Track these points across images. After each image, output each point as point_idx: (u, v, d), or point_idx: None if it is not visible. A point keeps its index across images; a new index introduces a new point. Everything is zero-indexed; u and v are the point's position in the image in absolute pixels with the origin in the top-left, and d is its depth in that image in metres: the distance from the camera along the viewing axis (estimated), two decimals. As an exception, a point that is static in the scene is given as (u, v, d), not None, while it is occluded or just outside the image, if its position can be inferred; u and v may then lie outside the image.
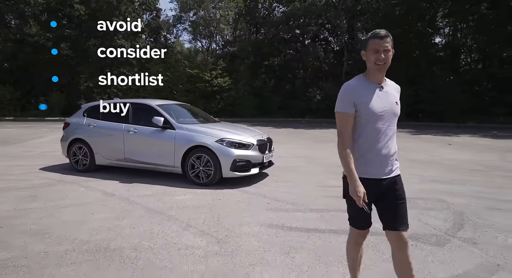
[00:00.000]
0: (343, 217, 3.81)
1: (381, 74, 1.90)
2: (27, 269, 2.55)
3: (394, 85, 2.03)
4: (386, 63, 1.86)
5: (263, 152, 5.42)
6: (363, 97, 1.87)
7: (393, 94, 1.95)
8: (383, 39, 1.83)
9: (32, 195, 4.59)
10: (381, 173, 1.92)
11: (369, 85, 1.90)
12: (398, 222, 1.93)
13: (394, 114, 1.92)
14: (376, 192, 1.92)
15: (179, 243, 3.06)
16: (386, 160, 1.92)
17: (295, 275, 2.53)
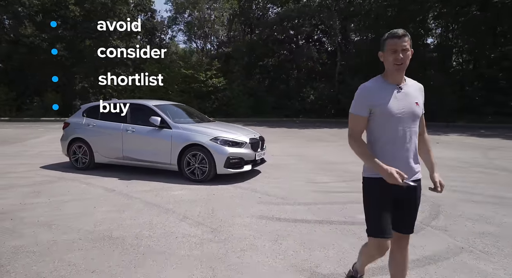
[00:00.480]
0: (329, 209, 4.14)
1: (400, 75, 1.85)
2: (39, 254, 2.82)
3: (416, 85, 1.94)
4: (404, 64, 1.81)
5: (256, 149, 5.72)
6: (380, 100, 1.83)
7: (413, 95, 1.87)
8: (401, 39, 1.78)
9: (36, 191, 4.84)
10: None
11: (386, 86, 1.85)
12: (406, 226, 1.93)
13: (413, 116, 1.86)
14: (395, 194, 1.86)
15: (176, 232, 3.35)
16: (406, 162, 1.85)
17: (281, 258, 2.82)
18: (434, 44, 26.25)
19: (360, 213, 3.92)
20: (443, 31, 25.10)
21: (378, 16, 23.18)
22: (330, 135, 14.28)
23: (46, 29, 22.57)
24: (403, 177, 1.69)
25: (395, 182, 1.68)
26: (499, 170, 6.74)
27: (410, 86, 1.90)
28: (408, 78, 1.93)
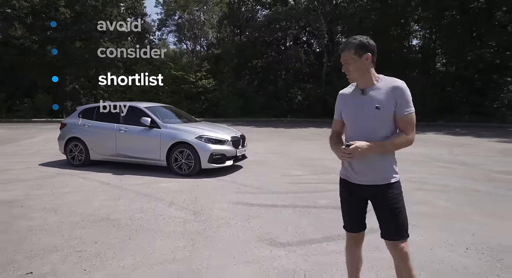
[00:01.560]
0: (296, 196, 4.82)
1: (357, 82, 1.91)
2: (50, 231, 3.41)
3: (388, 86, 1.86)
4: (349, 74, 1.88)
5: (237, 146, 6.37)
6: (344, 104, 1.94)
7: (376, 98, 1.83)
8: (342, 53, 1.88)
9: (38, 184, 5.40)
10: (361, 179, 1.89)
11: (354, 91, 1.92)
12: (393, 231, 1.88)
13: (373, 120, 1.84)
14: (361, 196, 1.95)
15: (164, 215, 3.97)
16: (366, 166, 1.87)
17: (248, 232, 3.47)
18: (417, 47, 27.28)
19: (322, 199, 4.63)
20: (426, 33, 26.11)
21: (362, 19, 24.04)
22: (314, 134, 15.01)
23: (37, 31, 22.87)
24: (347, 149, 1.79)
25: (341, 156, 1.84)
26: (459, 164, 7.51)
27: (379, 89, 1.85)
28: (389, 78, 1.90)
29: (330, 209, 4.23)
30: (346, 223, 2.07)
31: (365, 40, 1.87)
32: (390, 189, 1.89)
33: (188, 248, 3.05)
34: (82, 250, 2.97)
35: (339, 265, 2.72)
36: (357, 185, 1.92)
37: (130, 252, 2.94)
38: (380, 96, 1.83)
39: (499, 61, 21.47)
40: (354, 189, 1.93)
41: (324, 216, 3.99)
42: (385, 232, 1.92)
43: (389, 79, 1.88)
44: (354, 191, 1.94)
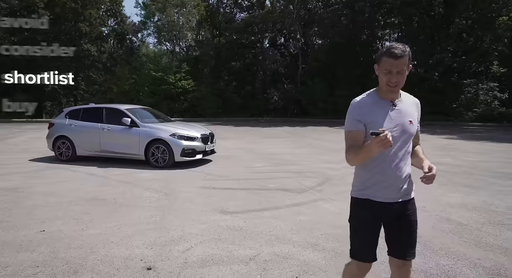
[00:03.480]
0: (252, 182, 5.93)
1: (394, 95, 1.74)
2: (51, 208, 4.37)
3: (411, 101, 1.82)
4: (398, 85, 1.68)
5: (206, 143, 7.42)
6: (371, 116, 1.71)
7: (407, 112, 1.75)
8: (397, 60, 1.62)
9: (32, 176, 6.30)
10: (391, 197, 1.75)
11: (379, 102, 1.74)
12: (406, 250, 1.79)
13: (407, 135, 1.73)
14: (385, 216, 1.79)
15: (142, 196, 4.99)
16: (397, 183, 1.75)
17: (206, 206, 4.54)
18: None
19: (271, 184, 5.75)
20: (391, 38, 27.89)
21: (333, 25, 25.52)
22: (285, 132, 16.22)
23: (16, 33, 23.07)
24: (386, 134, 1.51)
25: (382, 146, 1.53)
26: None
27: (405, 102, 1.77)
28: (404, 92, 1.82)
29: (275, 190, 5.37)
30: (363, 251, 1.80)
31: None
32: (413, 204, 1.83)
33: (159, 216, 4.10)
34: (79, 218, 3.97)
35: (269, 224, 3.84)
36: (381, 203, 1.74)
37: (115, 219, 3.97)
38: (409, 110, 1.76)
39: (456, 64, 23.42)
40: (378, 209, 1.76)
41: (269, 195, 5.12)
42: (400, 250, 1.80)
43: (405, 93, 1.83)
44: (378, 211, 1.76)
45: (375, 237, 1.80)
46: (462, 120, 22.43)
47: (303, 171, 6.86)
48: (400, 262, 1.81)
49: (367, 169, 1.78)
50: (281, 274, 2.71)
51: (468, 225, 3.79)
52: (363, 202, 1.79)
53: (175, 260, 2.92)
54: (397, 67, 1.63)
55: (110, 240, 3.35)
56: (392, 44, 1.69)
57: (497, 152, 9.71)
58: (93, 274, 2.68)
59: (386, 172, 1.73)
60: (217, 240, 3.37)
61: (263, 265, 2.86)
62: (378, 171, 1.74)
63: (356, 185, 1.85)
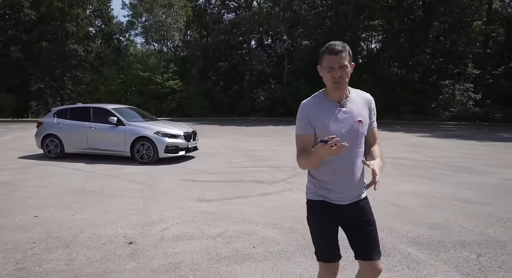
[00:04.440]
0: (229, 175, 6.46)
1: (340, 92, 1.71)
2: (44, 198, 4.81)
3: (362, 99, 1.80)
4: (342, 81, 1.66)
5: (188, 140, 7.92)
6: (319, 119, 1.71)
7: (356, 112, 1.73)
8: (338, 55, 1.63)
9: (22, 171, 6.68)
10: (343, 198, 1.76)
11: (327, 104, 1.73)
12: (370, 250, 1.79)
13: (357, 135, 1.72)
14: (338, 217, 1.79)
15: (127, 188, 5.47)
16: (349, 184, 1.75)
17: (186, 195, 5.05)
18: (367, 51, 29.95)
19: (247, 177, 6.28)
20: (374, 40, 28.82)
21: (317, 26, 26.22)
22: (269, 131, 16.78)
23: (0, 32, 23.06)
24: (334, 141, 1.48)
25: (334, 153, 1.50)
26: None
27: (354, 102, 1.76)
28: (355, 89, 1.81)
29: (250, 182, 5.91)
30: (325, 253, 1.78)
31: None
32: (366, 203, 1.85)
33: (141, 203, 4.59)
34: (69, 206, 4.43)
35: (238, 209, 4.37)
36: (336, 205, 1.76)
37: (101, 206, 4.44)
38: (359, 110, 1.75)
39: (434, 66, 24.43)
40: (332, 210, 1.77)
41: (243, 186, 5.66)
42: (363, 251, 1.80)
43: (356, 91, 1.82)
44: (333, 212, 1.77)
45: (334, 236, 1.78)
46: (439, 120, 23.39)
47: (278, 166, 7.43)
48: (369, 263, 1.80)
49: (319, 171, 1.77)
50: (242, 245, 3.25)
51: (408, 207, 4.41)
52: (318, 203, 1.79)
53: (153, 237, 3.44)
54: (339, 63, 1.64)
55: (97, 222, 3.83)
56: (330, 42, 1.70)
57: (461, 148, 10.47)
58: (82, 247, 3.17)
59: (337, 175, 1.73)
60: (191, 222, 3.89)
61: (228, 239, 3.40)
62: (330, 173, 1.74)
63: (310, 187, 1.85)
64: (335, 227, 1.80)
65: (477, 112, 22.79)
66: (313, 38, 27.43)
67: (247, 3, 31.29)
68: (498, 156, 8.94)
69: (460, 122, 22.09)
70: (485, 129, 18.21)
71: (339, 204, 1.76)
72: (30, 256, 2.97)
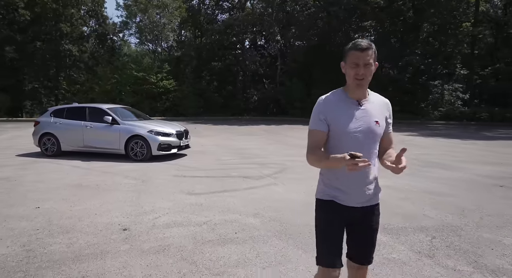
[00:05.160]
0: (218, 172, 6.83)
1: (361, 90, 1.70)
2: (42, 192, 5.15)
3: (380, 101, 1.80)
4: (365, 79, 1.65)
5: (180, 138, 8.27)
6: (335, 115, 1.69)
7: (374, 113, 1.72)
8: (364, 52, 1.62)
9: (22, 168, 7.00)
10: (355, 201, 1.72)
11: (346, 101, 1.71)
12: (366, 256, 1.81)
13: (372, 136, 1.70)
14: (346, 219, 1.75)
15: (121, 183, 5.82)
16: (362, 186, 1.71)
17: (176, 189, 5.41)
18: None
19: (234, 172, 6.66)
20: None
21: (310, 28, 26.66)
22: (261, 131, 17.17)
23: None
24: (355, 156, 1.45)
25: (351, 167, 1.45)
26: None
27: (373, 103, 1.75)
28: (373, 92, 1.81)
29: (237, 177, 6.29)
30: (329, 257, 1.72)
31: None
32: (377, 210, 1.81)
33: (135, 196, 4.95)
34: (67, 199, 4.78)
35: (224, 201, 4.75)
36: (345, 206, 1.72)
37: (98, 199, 4.80)
38: (376, 111, 1.74)
39: (423, 67, 24.99)
40: (341, 211, 1.73)
41: (231, 181, 6.03)
42: (360, 254, 1.80)
43: (374, 94, 1.81)
44: (341, 213, 1.73)
45: (340, 240, 1.74)
46: (428, 119, 23.97)
47: (266, 163, 7.81)
48: (357, 266, 1.80)
49: (332, 170, 1.74)
50: (225, 231, 3.63)
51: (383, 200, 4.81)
52: (327, 203, 1.75)
53: (146, 224, 3.80)
54: (364, 60, 1.63)
55: (94, 212, 4.19)
56: (356, 40, 1.70)
57: (443, 146, 10.95)
58: (81, 233, 3.53)
59: (351, 176, 1.65)
60: (180, 212, 4.27)
61: (212, 226, 3.78)
62: (343, 173, 1.63)
63: (320, 186, 1.81)
64: (341, 229, 1.76)
65: (465, 112, 23.41)
66: (305, 39, 27.87)
67: (240, 4, 31.65)
68: (475, 153, 9.43)
69: (448, 122, 22.68)
70: (471, 129, 18.80)
71: (348, 205, 1.72)
72: (34, 240, 3.33)
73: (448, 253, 3.11)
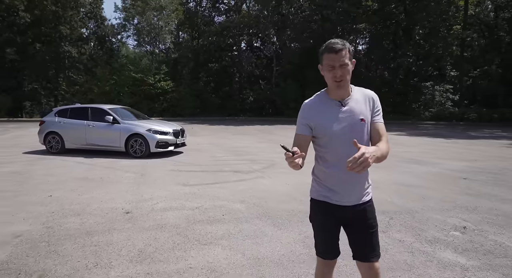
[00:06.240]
0: (212, 167, 7.42)
1: (342, 90, 1.69)
2: (52, 184, 5.73)
3: (364, 96, 1.76)
4: (344, 80, 1.64)
5: (177, 137, 8.87)
6: (319, 118, 1.71)
7: (358, 110, 1.70)
8: (338, 53, 1.61)
9: (29, 164, 7.57)
10: (345, 200, 1.74)
11: (328, 103, 1.72)
12: (369, 252, 1.78)
13: (358, 134, 1.68)
14: (340, 218, 1.79)
15: (123, 176, 6.40)
16: (352, 185, 1.74)
17: (173, 181, 6.00)
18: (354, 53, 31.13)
19: (226, 168, 7.26)
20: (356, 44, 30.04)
21: (304, 30, 27.34)
22: (255, 130, 17.77)
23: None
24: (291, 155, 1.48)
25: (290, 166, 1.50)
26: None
27: (357, 100, 1.73)
28: (357, 87, 1.79)
29: (229, 172, 6.89)
30: (323, 250, 1.86)
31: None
32: (369, 206, 1.82)
33: (135, 187, 5.54)
34: (75, 189, 5.37)
35: (215, 191, 5.34)
36: (338, 206, 1.76)
37: (102, 189, 5.39)
38: (361, 108, 1.73)
39: (415, 68, 25.70)
40: (334, 211, 1.78)
41: (223, 174, 6.63)
42: (362, 253, 1.81)
43: (359, 89, 1.80)
44: (334, 213, 1.78)
45: (335, 235, 1.82)
46: (419, 120, 24.67)
47: (256, 159, 8.42)
48: (367, 265, 1.80)
49: (322, 170, 1.78)
50: (214, 214, 4.23)
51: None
52: (320, 203, 1.80)
53: (145, 208, 4.40)
54: (339, 61, 1.62)
55: (100, 200, 4.78)
56: (329, 41, 1.68)
57: (426, 145, 11.60)
58: (90, 215, 4.12)
59: (340, 174, 1.68)
60: (176, 199, 4.86)
61: (203, 210, 4.38)
62: (333, 173, 1.72)
63: (314, 186, 1.86)
64: (336, 227, 1.82)
65: (454, 112, 24.12)
66: (300, 41, 28.52)
67: (237, 6, 32.28)
68: (453, 151, 10.08)
69: (438, 122, 23.38)
70: (458, 129, 19.49)
71: (341, 205, 1.76)
72: (51, 220, 3.91)
73: (399, 229, 3.73)
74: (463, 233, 3.59)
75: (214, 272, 2.76)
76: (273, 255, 3.08)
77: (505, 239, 3.41)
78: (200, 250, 3.18)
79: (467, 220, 3.98)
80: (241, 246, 3.28)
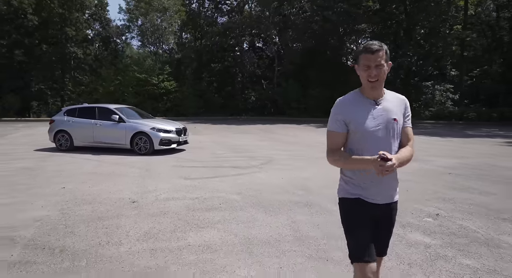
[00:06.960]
0: (213, 163, 7.88)
1: (376, 91, 1.75)
2: (64, 177, 6.19)
3: (397, 99, 1.84)
4: (379, 80, 1.71)
5: (180, 135, 9.32)
6: (353, 115, 1.74)
7: (392, 110, 1.76)
8: (374, 54, 1.67)
9: (42, 160, 8.05)
10: (377, 198, 1.78)
11: (362, 101, 1.76)
12: (383, 249, 1.88)
13: (391, 133, 1.74)
14: (372, 215, 1.80)
15: (128, 171, 6.85)
16: (383, 184, 1.77)
17: (175, 175, 6.43)
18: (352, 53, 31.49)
19: (226, 163, 7.69)
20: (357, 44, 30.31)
21: (305, 31, 27.69)
22: (257, 129, 18.18)
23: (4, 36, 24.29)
24: (388, 160, 1.57)
25: (380, 169, 1.57)
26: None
27: (390, 101, 1.80)
28: (390, 91, 1.85)
29: (228, 167, 7.32)
30: (365, 252, 1.74)
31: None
32: (396, 205, 1.87)
33: (141, 181, 5.99)
34: (85, 182, 5.82)
35: (215, 184, 5.77)
36: (372, 204, 1.78)
37: (111, 182, 5.83)
38: (394, 108, 1.78)
39: (415, 68, 25.97)
40: (369, 208, 1.78)
41: (222, 170, 7.06)
42: (380, 249, 1.86)
43: (391, 92, 1.86)
44: (369, 210, 1.79)
45: (369, 234, 1.77)
46: (419, 119, 24.93)
47: (255, 156, 8.84)
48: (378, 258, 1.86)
49: (353, 170, 1.80)
50: (212, 203, 4.66)
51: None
52: (353, 201, 1.81)
53: (150, 198, 4.84)
54: (375, 61, 1.67)
55: (109, 191, 5.23)
56: (367, 42, 1.75)
57: (422, 143, 11.90)
58: (101, 204, 4.56)
59: (372, 173, 1.70)
60: (178, 191, 5.30)
61: (202, 200, 4.81)
62: (365, 172, 1.75)
63: (343, 186, 1.87)
64: (369, 225, 1.80)
65: (453, 111, 24.36)
66: (302, 41, 28.88)
67: (239, 7, 32.68)
68: (447, 148, 10.44)
69: (437, 121, 23.62)
70: (456, 128, 19.76)
71: (375, 203, 1.78)
72: (66, 208, 4.37)
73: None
74: (435, 219, 3.98)
75: (209, 249, 3.18)
76: (262, 236, 3.50)
77: (470, 223, 3.80)
78: (198, 232, 3.61)
79: (442, 209, 4.38)
80: (235, 229, 3.70)
